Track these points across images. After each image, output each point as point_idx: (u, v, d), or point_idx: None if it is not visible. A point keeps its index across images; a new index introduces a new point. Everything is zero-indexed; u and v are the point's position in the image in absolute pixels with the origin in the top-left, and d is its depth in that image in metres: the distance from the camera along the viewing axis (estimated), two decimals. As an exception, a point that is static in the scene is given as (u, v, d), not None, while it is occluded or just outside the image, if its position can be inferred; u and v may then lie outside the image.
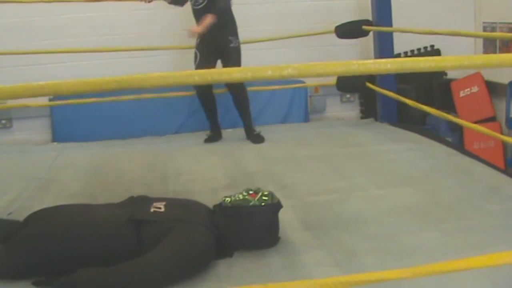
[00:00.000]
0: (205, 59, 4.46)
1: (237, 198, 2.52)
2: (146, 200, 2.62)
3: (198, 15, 4.42)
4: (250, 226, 2.50)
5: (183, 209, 2.53)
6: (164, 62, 5.29)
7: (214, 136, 4.81)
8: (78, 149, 4.69)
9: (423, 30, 4.19)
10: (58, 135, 5.20)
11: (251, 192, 2.54)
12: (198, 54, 4.53)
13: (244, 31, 4.73)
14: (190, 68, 4.48)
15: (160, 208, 2.49)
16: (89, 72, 4.81)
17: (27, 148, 4.85)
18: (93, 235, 2.34)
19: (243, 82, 4.28)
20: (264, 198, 2.52)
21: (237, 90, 4.59)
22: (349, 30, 5.12)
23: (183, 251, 2.26)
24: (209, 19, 4.30)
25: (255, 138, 4.64)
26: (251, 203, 2.49)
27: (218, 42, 4.44)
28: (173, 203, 2.58)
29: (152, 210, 2.47)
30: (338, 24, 5.15)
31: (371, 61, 1.55)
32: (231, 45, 4.48)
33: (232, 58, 4.46)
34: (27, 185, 3.68)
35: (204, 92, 4.65)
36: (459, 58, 1.55)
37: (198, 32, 4.31)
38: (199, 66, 4.47)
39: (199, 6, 4.42)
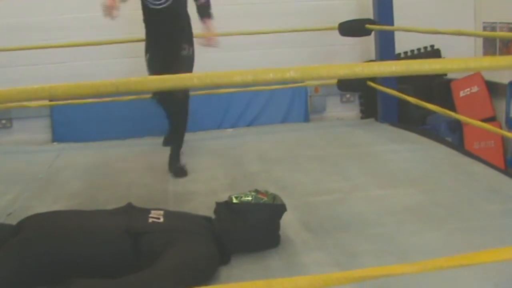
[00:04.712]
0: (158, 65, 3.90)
1: (245, 197, 2.51)
2: (142, 209, 2.53)
3: (160, 16, 3.80)
4: (259, 223, 2.49)
5: (183, 220, 2.48)
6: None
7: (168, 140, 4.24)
8: (78, 149, 4.68)
9: (427, 29, 4.19)
10: (58, 135, 5.19)
11: (260, 192, 2.55)
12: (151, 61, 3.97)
13: (244, 30, 4.71)
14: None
15: (158, 218, 2.41)
16: (90, 72, 4.89)
17: (27, 148, 4.85)
18: (89, 245, 2.22)
19: (187, 95, 3.84)
20: (274, 199, 2.56)
21: (177, 102, 3.81)
22: (352, 28, 5.11)
23: (190, 263, 2.18)
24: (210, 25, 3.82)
25: (178, 171, 3.78)
26: (262, 201, 2.51)
27: (170, 49, 3.83)
28: (171, 214, 2.52)
29: (150, 220, 2.39)
30: (341, 22, 5.14)
31: (376, 63, 1.50)
32: (183, 52, 3.84)
33: (183, 68, 3.75)
34: (27, 185, 3.68)
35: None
36: (465, 60, 1.51)
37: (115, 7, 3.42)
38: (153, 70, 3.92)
39: (162, 5, 3.76)
